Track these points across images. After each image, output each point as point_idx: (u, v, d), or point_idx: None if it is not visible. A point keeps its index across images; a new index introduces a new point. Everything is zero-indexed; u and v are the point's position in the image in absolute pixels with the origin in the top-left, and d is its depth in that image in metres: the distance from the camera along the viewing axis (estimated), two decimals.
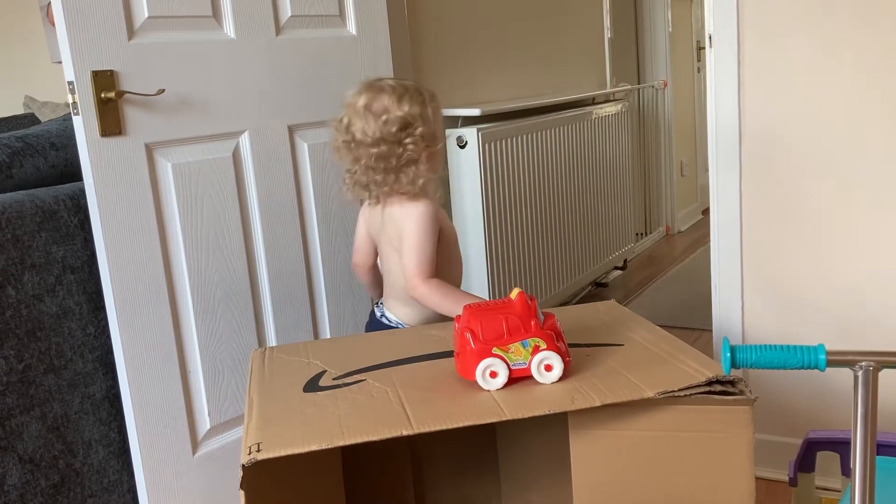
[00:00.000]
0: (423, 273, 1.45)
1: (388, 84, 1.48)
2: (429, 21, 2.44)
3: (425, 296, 1.45)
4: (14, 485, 1.39)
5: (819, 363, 0.88)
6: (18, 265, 1.40)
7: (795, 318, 1.76)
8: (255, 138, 1.73)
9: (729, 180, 1.77)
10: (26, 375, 1.41)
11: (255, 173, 1.73)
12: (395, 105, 1.45)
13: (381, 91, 1.47)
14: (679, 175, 4.49)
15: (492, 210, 2.50)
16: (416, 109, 1.46)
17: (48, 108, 2.96)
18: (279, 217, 1.79)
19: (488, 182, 2.48)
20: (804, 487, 1.40)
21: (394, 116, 1.44)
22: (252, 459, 0.95)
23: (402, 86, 1.48)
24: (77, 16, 1.40)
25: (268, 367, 1.29)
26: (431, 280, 1.46)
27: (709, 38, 1.74)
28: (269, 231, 1.77)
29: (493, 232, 2.51)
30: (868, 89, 1.61)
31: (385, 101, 1.45)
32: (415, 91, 1.48)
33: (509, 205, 2.61)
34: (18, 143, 1.53)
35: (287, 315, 1.81)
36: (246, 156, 1.72)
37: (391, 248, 1.53)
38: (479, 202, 2.45)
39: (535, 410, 1.02)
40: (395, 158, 1.46)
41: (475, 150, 2.42)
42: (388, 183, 1.48)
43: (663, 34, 4.29)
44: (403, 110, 1.45)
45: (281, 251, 1.80)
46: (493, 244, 2.51)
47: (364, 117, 1.45)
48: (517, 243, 2.67)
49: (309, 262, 1.87)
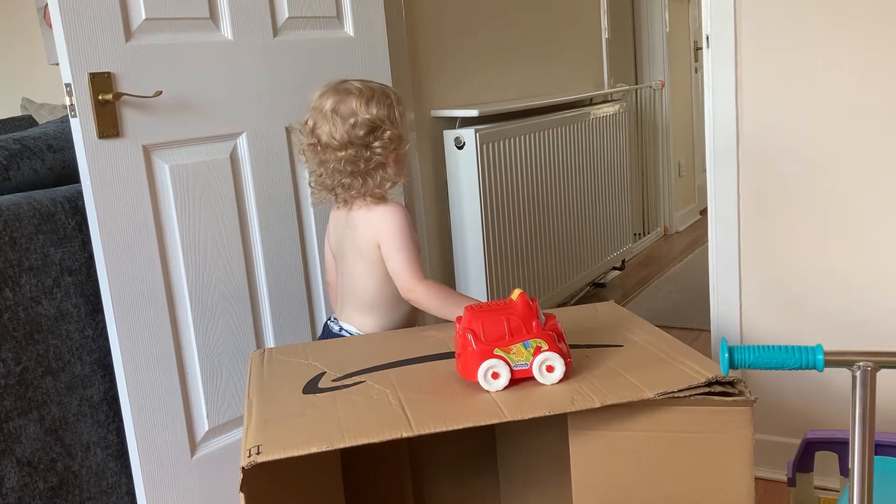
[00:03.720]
0: (417, 274, 1.43)
1: (355, 86, 1.46)
2: (426, 22, 2.44)
3: (423, 297, 1.43)
4: (12, 487, 1.38)
5: (817, 363, 0.88)
6: (16, 267, 1.40)
7: (793, 319, 1.77)
8: (253, 140, 1.73)
9: (727, 180, 1.77)
10: (24, 378, 1.41)
11: (252, 175, 1.73)
12: (363, 108, 1.43)
13: (349, 93, 1.45)
14: (677, 175, 4.50)
15: (490, 211, 2.50)
16: (383, 112, 1.44)
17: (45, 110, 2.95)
18: (277, 218, 1.79)
19: (486, 183, 2.48)
20: (802, 487, 1.41)
21: (361, 119, 1.43)
22: (252, 462, 0.95)
23: (369, 88, 1.46)
24: (74, 17, 1.40)
25: (267, 368, 1.29)
26: (428, 281, 1.45)
27: (706, 38, 1.75)
28: (267, 232, 1.77)
29: (490, 233, 2.51)
30: (866, 88, 1.61)
31: (352, 104, 1.44)
32: (382, 93, 1.46)
33: (507, 205, 2.61)
34: (16, 145, 1.52)
35: (285, 316, 1.81)
36: (244, 157, 1.72)
37: (356, 253, 1.50)
38: (477, 203, 2.45)
39: (535, 412, 1.02)
40: (363, 162, 1.44)
41: (473, 150, 2.42)
42: (356, 187, 1.46)
43: (661, 34, 4.30)
44: (371, 113, 1.43)
45: (279, 252, 1.80)
46: (490, 245, 2.51)
47: (331, 120, 1.44)
48: (515, 244, 2.67)
49: (307, 263, 1.87)
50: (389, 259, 1.45)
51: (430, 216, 2.45)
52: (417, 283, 1.43)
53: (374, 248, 1.47)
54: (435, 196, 2.47)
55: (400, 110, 1.49)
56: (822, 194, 1.69)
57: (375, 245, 1.47)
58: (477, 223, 2.46)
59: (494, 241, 2.53)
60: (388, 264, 1.46)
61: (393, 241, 1.45)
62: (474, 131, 2.43)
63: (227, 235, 1.68)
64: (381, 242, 1.46)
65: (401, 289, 1.46)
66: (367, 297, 1.51)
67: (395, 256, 1.44)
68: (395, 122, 1.46)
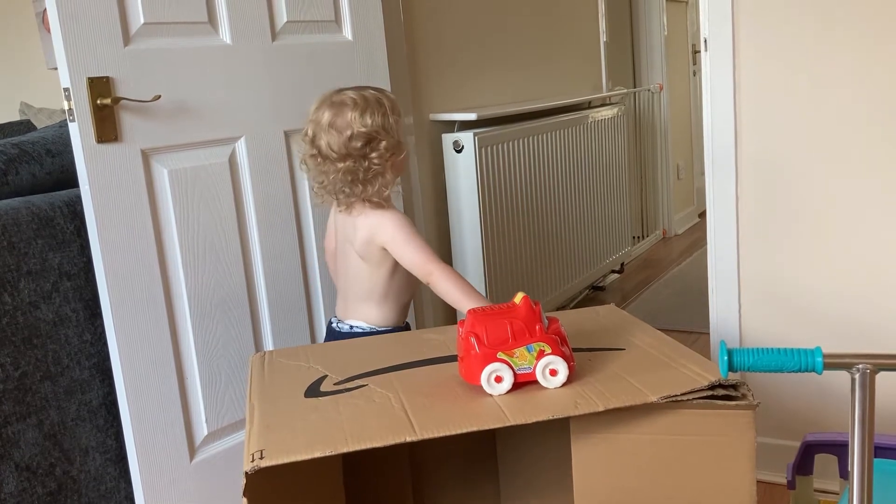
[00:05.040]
0: (431, 259, 1.47)
1: (350, 97, 1.49)
2: (425, 25, 2.44)
3: (440, 280, 1.45)
4: (11, 493, 1.38)
5: (816, 366, 0.88)
6: (14, 272, 1.40)
7: (792, 321, 1.77)
8: (252, 144, 1.73)
9: (725, 183, 1.77)
10: (23, 383, 1.40)
11: (251, 179, 1.73)
12: (359, 120, 1.46)
13: (344, 105, 1.48)
14: (675, 178, 4.50)
15: (488, 214, 2.50)
16: (379, 121, 1.47)
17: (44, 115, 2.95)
18: (276, 222, 1.79)
19: (485, 186, 2.48)
20: (802, 490, 1.40)
21: (357, 132, 1.46)
22: (255, 467, 0.94)
23: (363, 98, 1.48)
24: (73, 22, 1.39)
25: (268, 371, 1.29)
26: (443, 264, 1.48)
27: (704, 41, 1.75)
28: (266, 236, 1.76)
29: (489, 236, 2.51)
30: (864, 91, 1.62)
31: (348, 117, 1.47)
32: (376, 102, 1.49)
33: (506, 209, 2.61)
34: (14, 149, 1.52)
35: (284, 320, 1.81)
36: (242, 161, 1.72)
37: (358, 258, 1.55)
38: (476, 206, 2.45)
39: (539, 415, 1.02)
40: (362, 172, 1.48)
41: (472, 154, 2.42)
42: (356, 194, 1.50)
43: (659, 38, 4.30)
44: (367, 125, 1.46)
45: (278, 256, 1.79)
46: (489, 248, 2.51)
47: (328, 133, 1.47)
48: (514, 247, 2.66)
49: (306, 266, 1.87)
50: (402, 256, 1.49)
51: (429, 220, 2.45)
52: (434, 265, 1.46)
53: (377, 251, 1.52)
54: (434, 199, 2.47)
55: (395, 117, 1.51)
56: (820, 197, 1.69)
57: (378, 248, 1.52)
58: (476, 226, 2.46)
59: (493, 244, 2.53)
60: (403, 261, 1.50)
61: (399, 238, 1.49)
62: (473, 135, 2.43)
63: (226, 239, 1.68)
64: (387, 245, 1.50)
65: (419, 275, 1.49)
66: (375, 291, 1.56)
67: (405, 251, 1.49)
68: (391, 130, 1.50)
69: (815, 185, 1.69)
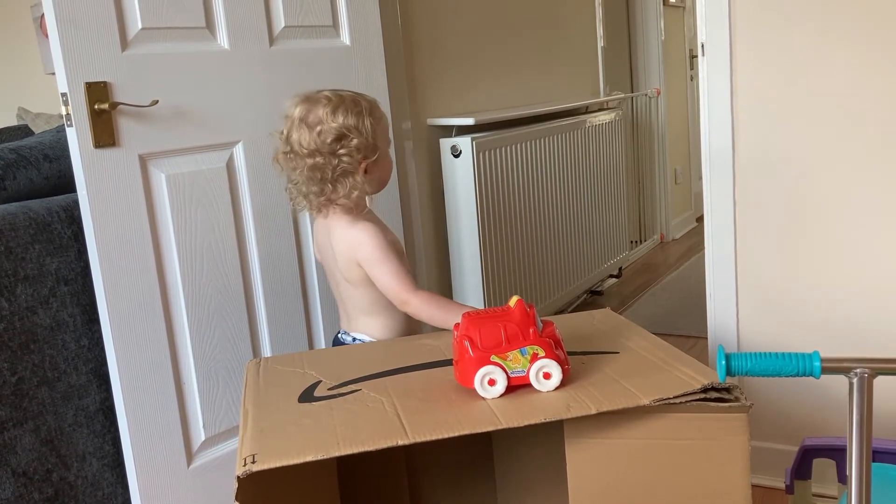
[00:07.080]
0: (407, 287, 1.44)
1: (325, 95, 1.47)
2: (422, 30, 2.44)
3: (419, 309, 1.43)
4: (7, 498, 1.38)
5: (814, 370, 0.88)
6: (11, 277, 1.40)
7: (790, 326, 1.77)
8: (250, 149, 1.73)
9: (723, 188, 1.78)
10: (19, 388, 1.41)
11: (249, 184, 1.73)
12: (330, 117, 1.44)
13: (317, 102, 1.46)
14: (673, 183, 4.50)
15: (486, 219, 2.50)
16: (351, 121, 1.45)
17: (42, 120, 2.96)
18: (274, 227, 1.79)
19: (483, 191, 2.48)
20: (801, 495, 1.40)
21: (328, 128, 1.44)
22: (247, 471, 0.94)
23: (338, 96, 1.47)
24: (70, 27, 1.40)
25: (263, 377, 1.29)
26: (420, 292, 1.45)
27: (701, 46, 1.75)
28: (264, 241, 1.77)
29: (487, 241, 2.51)
30: (861, 96, 1.62)
31: (319, 113, 1.45)
32: (351, 102, 1.47)
33: (504, 213, 2.61)
34: (12, 154, 1.53)
35: (282, 325, 1.81)
36: (240, 166, 1.72)
37: (341, 274, 1.52)
38: (474, 211, 2.45)
39: (531, 419, 1.02)
40: (331, 170, 1.45)
41: (469, 159, 2.43)
42: (326, 193, 1.47)
43: (656, 43, 4.31)
44: (338, 122, 1.44)
45: (275, 261, 1.79)
46: (487, 253, 2.51)
47: (300, 129, 1.45)
48: (512, 252, 2.67)
49: (303, 272, 1.87)
50: (376, 279, 1.46)
51: (427, 224, 2.45)
52: (410, 295, 1.43)
53: (356, 268, 1.48)
54: (431, 204, 2.48)
55: (372, 119, 1.48)
56: (817, 201, 1.69)
57: (356, 265, 1.48)
58: (473, 231, 2.47)
59: (491, 249, 2.53)
60: (377, 284, 1.46)
61: (373, 261, 1.45)
62: (471, 140, 2.43)
63: (224, 244, 1.68)
64: (363, 264, 1.47)
65: (395, 303, 1.46)
66: (366, 306, 1.52)
67: (379, 275, 1.45)
68: (364, 131, 1.46)
69: (813, 190, 1.70)
